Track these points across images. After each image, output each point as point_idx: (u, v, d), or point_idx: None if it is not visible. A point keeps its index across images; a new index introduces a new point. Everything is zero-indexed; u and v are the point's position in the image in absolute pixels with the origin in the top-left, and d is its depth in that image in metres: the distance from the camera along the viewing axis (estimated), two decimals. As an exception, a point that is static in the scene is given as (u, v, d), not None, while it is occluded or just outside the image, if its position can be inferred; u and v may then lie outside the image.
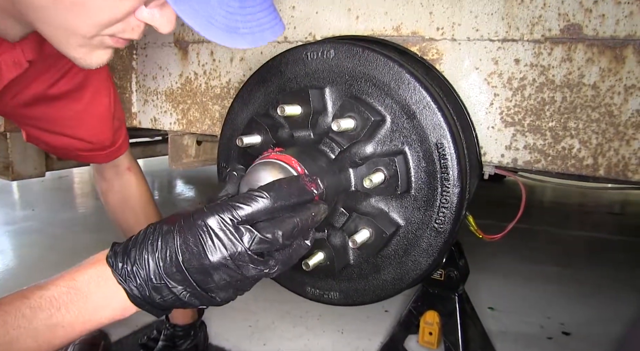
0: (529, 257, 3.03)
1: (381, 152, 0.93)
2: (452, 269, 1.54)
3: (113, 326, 1.88)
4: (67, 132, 1.18)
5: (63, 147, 1.23)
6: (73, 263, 0.70)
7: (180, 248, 0.65)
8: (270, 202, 0.67)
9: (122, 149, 1.36)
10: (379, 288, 0.99)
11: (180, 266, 0.65)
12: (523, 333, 2.03)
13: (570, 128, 1.03)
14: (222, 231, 0.64)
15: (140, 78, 1.74)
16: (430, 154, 0.90)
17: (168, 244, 0.65)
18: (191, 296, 0.67)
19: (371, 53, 0.94)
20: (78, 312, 0.66)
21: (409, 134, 0.91)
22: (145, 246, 0.66)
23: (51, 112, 1.13)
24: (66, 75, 1.09)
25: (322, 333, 1.97)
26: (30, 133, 1.20)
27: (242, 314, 2.12)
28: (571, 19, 1.00)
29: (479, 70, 1.08)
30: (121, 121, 1.32)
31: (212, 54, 1.52)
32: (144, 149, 3.44)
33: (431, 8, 1.12)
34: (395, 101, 0.92)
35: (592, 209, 4.81)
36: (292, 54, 1.05)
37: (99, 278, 0.67)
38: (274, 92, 1.07)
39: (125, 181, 1.43)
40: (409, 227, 0.94)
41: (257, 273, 0.68)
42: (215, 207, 0.66)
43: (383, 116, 0.93)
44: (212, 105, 1.55)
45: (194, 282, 0.66)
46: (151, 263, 0.65)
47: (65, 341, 0.67)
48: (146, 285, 0.65)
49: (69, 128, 1.18)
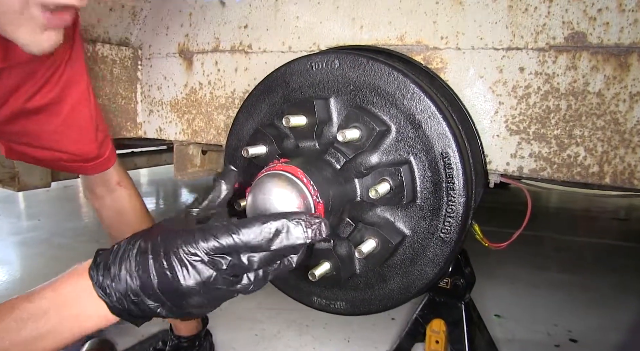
0: (535, 264, 3.02)
1: (386, 162, 0.93)
2: (459, 277, 1.53)
3: (119, 336, 1.89)
4: (50, 146, 1.17)
5: (49, 160, 1.22)
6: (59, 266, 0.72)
7: (156, 271, 0.66)
8: (250, 238, 0.66)
9: (111, 161, 1.34)
10: (385, 297, 0.98)
11: (155, 288, 0.66)
12: (530, 340, 2.01)
13: (575, 136, 1.02)
14: (196, 261, 0.65)
15: (145, 89, 1.75)
16: (435, 164, 0.90)
17: (143, 266, 0.66)
18: (168, 311, 0.68)
19: (376, 63, 0.94)
20: (64, 322, 0.68)
21: (414, 143, 0.91)
22: (123, 263, 0.67)
23: (31, 126, 1.11)
24: (42, 88, 1.08)
25: (328, 341, 1.97)
26: (14, 149, 1.19)
27: (248, 323, 2.11)
28: (575, 27, 1.00)
29: (484, 78, 1.08)
30: (105, 132, 1.30)
31: (217, 64, 1.53)
32: (149, 158, 3.45)
33: (435, 17, 1.12)
34: (400, 110, 0.92)
35: (598, 214, 4.79)
36: (296, 64, 1.05)
37: (82, 291, 0.68)
38: (279, 103, 1.08)
39: (117, 196, 1.41)
40: (415, 236, 0.94)
41: (231, 294, 0.69)
42: (195, 233, 0.66)
43: (388, 126, 0.93)
44: (217, 115, 1.56)
45: (169, 302, 0.67)
46: (128, 281, 0.66)
47: (54, 349, 0.70)
48: (125, 300, 0.67)
49: (52, 142, 1.17)
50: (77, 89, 1.16)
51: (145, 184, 5.96)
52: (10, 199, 4.36)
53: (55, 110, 1.12)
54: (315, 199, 0.78)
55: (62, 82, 1.10)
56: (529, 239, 3.54)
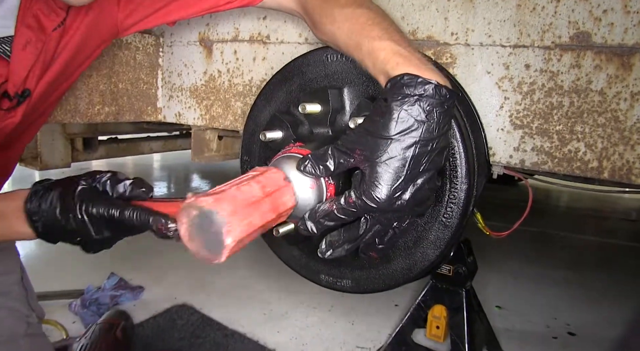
0: (540, 260, 3.07)
1: (395, 150, 0.98)
2: (461, 265, 1.59)
3: (136, 311, 1.98)
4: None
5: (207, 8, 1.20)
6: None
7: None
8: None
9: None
10: (389, 277, 1.05)
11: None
12: (529, 331, 2.07)
13: (576, 132, 1.07)
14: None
15: (165, 75, 1.82)
16: (440, 153, 0.96)
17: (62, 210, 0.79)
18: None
19: (388, 56, 0.99)
20: (3, 228, 0.84)
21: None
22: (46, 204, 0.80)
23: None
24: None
25: (333, 323, 2.04)
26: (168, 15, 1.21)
27: (258, 303, 2.20)
28: (581, 27, 1.05)
29: (491, 74, 1.13)
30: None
31: (236, 53, 1.60)
32: (165, 143, 3.54)
33: (446, 14, 1.17)
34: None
35: (608, 214, 4.81)
36: (313, 55, 1.11)
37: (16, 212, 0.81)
38: (296, 91, 1.14)
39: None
40: (418, 220, 0.99)
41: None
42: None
43: (397, 115, 0.98)
44: (234, 102, 1.62)
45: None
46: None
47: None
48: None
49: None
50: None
51: (158, 168, 6.06)
52: (26, 179, 4.47)
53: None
54: (327, 180, 0.84)
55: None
56: (536, 237, 3.58)
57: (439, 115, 0.74)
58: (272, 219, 0.75)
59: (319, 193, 0.83)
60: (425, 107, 0.73)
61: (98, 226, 0.79)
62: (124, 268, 2.49)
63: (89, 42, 1.14)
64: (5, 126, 1.04)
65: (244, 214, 0.67)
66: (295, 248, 1.16)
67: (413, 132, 0.73)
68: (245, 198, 0.69)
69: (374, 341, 1.92)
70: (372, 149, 0.75)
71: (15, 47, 0.97)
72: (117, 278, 2.29)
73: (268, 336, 1.91)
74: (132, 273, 2.46)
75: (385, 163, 0.74)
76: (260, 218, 0.71)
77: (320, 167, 0.80)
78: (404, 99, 0.74)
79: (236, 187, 0.70)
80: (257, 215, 0.70)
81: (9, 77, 0.98)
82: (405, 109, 0.73)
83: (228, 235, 0.64)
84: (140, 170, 5.84)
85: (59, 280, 2.30)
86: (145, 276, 2.46)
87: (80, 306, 2.08)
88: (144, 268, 2.57)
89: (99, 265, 2.49)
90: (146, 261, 2.65)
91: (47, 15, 0.98)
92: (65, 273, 2.43)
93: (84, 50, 1.14)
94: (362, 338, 1.94)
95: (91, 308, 2.06)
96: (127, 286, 2.27)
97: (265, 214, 0.72)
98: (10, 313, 1.23)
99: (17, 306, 1.26)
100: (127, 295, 2.20)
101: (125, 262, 2.58)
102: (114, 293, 2.18)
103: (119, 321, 1.79)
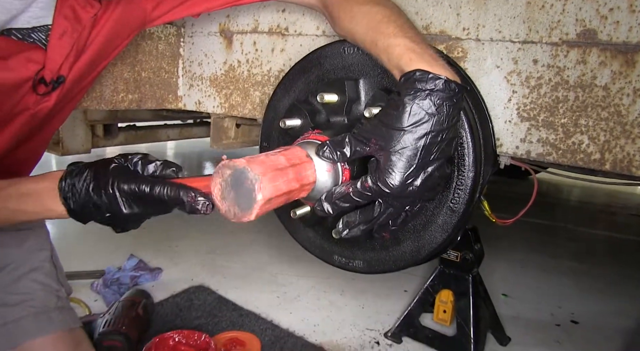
0: (548, 251, 3.11)
1: (406, 139, 1.05)
2: (468, 252, 1.66)
3: (155, 291, 2.07)
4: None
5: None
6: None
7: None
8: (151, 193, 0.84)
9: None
10: (398, 258, 1.11)
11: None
12: (533, 319, 2.13)
13: (580, 125, 1.12)
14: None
15: (186, 64, 1.89)
16: (449, 142, 1.02)
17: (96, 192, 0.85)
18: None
19: (402, 50, 1.05)
20: (37, 206, 0.89)
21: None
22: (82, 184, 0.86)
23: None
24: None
25: (344, 306, 2.12)
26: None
27: (272, 286, 2.28)
28: (587, 25, 1.09)
29: (500, 68, 1.18)
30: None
31: (255, 44, 1.66)
32: (181, 130, 3.62)
33: (459, 10, 1.22)
34: (421, 93, 1.04)
35: (619, 210, 4.82)
36: (331, 48, 1.17)
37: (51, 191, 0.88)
38: (314, 82, 1.20)
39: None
40: (428, 205, 1.06)
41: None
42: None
43: (409, 106, 1.05)
44: (253, 91, 1.69)
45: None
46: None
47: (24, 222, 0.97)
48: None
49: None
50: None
51: (172, 156, 6.16)
52: (44, 165, 4.59)
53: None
54: (343, 165, 0.91)
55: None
56: (545, 229, 3.62)
57: (449, 108, 0.81)
58: (296, 189, 0.82)
59: (335, 176, 0.90)
60: (435, 101, 0.80)
61: (129, 201, 0.84)
62: (143, 250, 2.59)
63: (118, 33, 1.21)
64: (40, 109, 1.11)
65: (272, 177, 0.75)
66: (310, 230, 1.23)
67: (424, 124, 0.80)
68: (273, 164, 0.77)
69: (383, 323, 2.00)
70: (386, 139, 0.82)
71: (53, 36, 1.04)
72: (137, 260, 2.38)
73: (281, 317, 2.00)
74: (150, 255, 2.55)
75: (398, 152, 0.81)
76: (285, 184, 0.78)
77: (337, 153, 0.87)
78: (416, 93, 0.81)
79: (265, 156, 0.78)
80: (283, 181, 0.78)
81: (46, 65, 1.05)
82: (417, 103, 0.80)
83: (260, 191, 0.72)
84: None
85: (80, 261, 2.40)
86: (163, 258, 2.55)
87: (102, 285, 2.17)
88: (162, 251, 2.67)
89: (119, 247, 2.59)
90: (164, 245, 2.75)
91: (83, 7, 1.05)
92: (87, 255, 2.53)
93: (113, 41, 1.21)
94: (371, 320, 2.02)
95: (112, 287, 2.16)
96: (146, 268, 2.36)
97: (290, 182, 0.79)
98: (43, 287, 1.31)
99: (48, 281, 1.34)
100: (146, 276, 2.29)
101: (144, 245, 2.68)
102: (134, 273, 2.27)
103: (140, 299, 1.88)
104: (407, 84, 0.82)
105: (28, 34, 1.01)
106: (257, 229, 3.08)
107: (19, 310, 1.23)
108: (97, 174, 0.86)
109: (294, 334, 1.89)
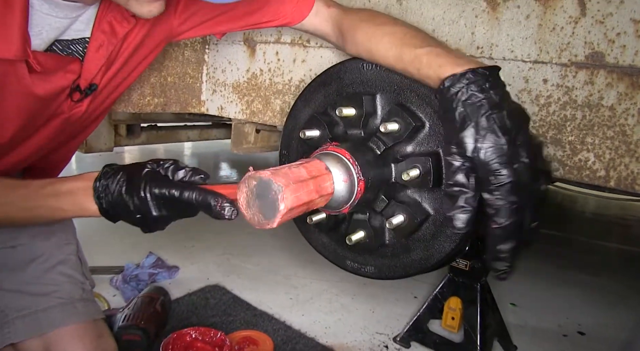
0: (559, 263, 3.12)
1: (419, 152, 1.10)
2: (477, 261, 1.70)
3: (172, 289, 2.14)
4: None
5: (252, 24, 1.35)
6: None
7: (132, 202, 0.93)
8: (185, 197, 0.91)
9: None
10: (407, 266, 1.17)
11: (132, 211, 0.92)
12: (540, 328, 2.16)
13: (587, 143, 1.16)
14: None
15: (210, 70, 1.96)
16: (460, 157, 1.07)
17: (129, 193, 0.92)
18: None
19: (417, 68, 1.11)
20: (73, 204, 0.97)
21: (443, 138, 1.09)
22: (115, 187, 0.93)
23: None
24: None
25: (355, 310, 2.17)
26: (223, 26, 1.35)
27: (285, 287, 2.34)
28: (595, 48, 1.14)
29: (511, 86, 1.23)
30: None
31: (277, 54, 1.73)
32: (201, 132, 3.70)
33: (473, 29, 1.28)
34: (434, 110, 1.09)
35: (633, 223, 4.79)
36: (350, 63, 1.23)
37: (86, 191, 0.95)
38: (333, 95, 1.26)
39: (336, 15, 1.28)
40: (437, 216, 1.11)
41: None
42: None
43: (423, 121, 1.10)
44: (274, 99, 1.76)
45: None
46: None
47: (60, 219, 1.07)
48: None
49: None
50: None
51: (189, 155, 6.27)
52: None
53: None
54: (359, 176, 0.97)
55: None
56: (558, 241, 3.63)
57: (489, 86, 0.90)
58: (315, 200, 0.89)
59: (351, 187, 0.97)
60: (474, 89, 0.89)
61: (159, 204, 0.91)
62: (161, 249, 2.66)
63: (146, 45, 1.28)
64: (73, 114, 1.19)
65: (294, 188, 0.82)
66: (324, 235, 1.30)
67: (481, 109, 0.89)
68: (295, 176, 0.84)
69: (392, 328, 2.05)
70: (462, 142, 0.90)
71: (90, 49, 1.12)
72: (155, 257, 2.46)
73: (294, 318, 2.06)
74: (168, 254, 2.63)
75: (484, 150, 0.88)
76: (306, 195, 0.85)
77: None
78: (455, 96, 0.90)
79: (288, 168, 0.85)
80: (304, 192, 0.85)
81: (82, 74, 1.13)
82: (463, 101, 0.89)
83: (282, 202, 0.79)
84: (172, 156, 6.04)
85: (100, 257, 2.48)
86: (180, 257, 2.63)
87: (122, 281, 2.25)
88: (179, 250, 2.74)
89: (137, 245, 2.67)
90: (181, 244, 2.82)
91: (120, 22, 1.13)
92: (106, 251, 2.61)
93: (141, 52, 1.28)
94: (381, 324, 2.07)
95: (131, 283, 2.24)
96: (164, 265, 2.44)
97: (310, 193, 0.86)
98: (69, 279, 1.39)
99: (74, 273, 1.41)
100: (164, 274, 2.37)
101: (162, 244, 2.75)
102: (152, 270, 2.35)
103: (158, 296, 1.96)
104: (445, 96, 0.92)
105: (67, 46, 1.10)
106: (272, 232, 3.12)
107: (48, 299, 1.31)
108: (131, 177, 0.92)
109: (305, 335, 1.94)
